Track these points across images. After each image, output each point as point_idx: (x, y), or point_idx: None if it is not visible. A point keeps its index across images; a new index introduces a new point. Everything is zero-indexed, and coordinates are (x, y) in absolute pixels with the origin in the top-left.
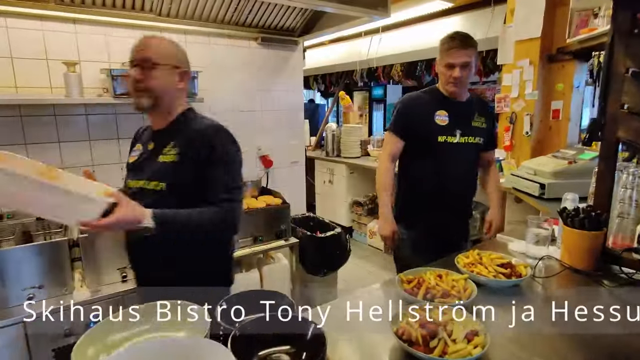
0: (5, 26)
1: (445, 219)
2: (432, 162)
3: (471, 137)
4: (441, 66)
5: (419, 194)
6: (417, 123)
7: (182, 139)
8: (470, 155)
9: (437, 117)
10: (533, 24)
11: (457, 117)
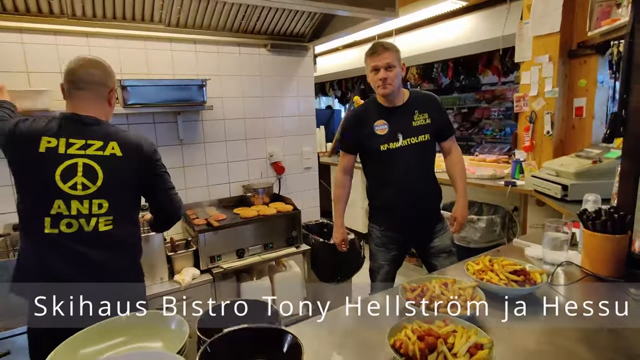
0: (22, 42)
1: (406, 218)
2: (382, 168)
3: (413, 137)
4: (369, 73)
5: (378, 197)
6: (359, 137)
7: None
8: (418, 155)
9: (376, 127)
10: (551, 18)
11: (397, 123)
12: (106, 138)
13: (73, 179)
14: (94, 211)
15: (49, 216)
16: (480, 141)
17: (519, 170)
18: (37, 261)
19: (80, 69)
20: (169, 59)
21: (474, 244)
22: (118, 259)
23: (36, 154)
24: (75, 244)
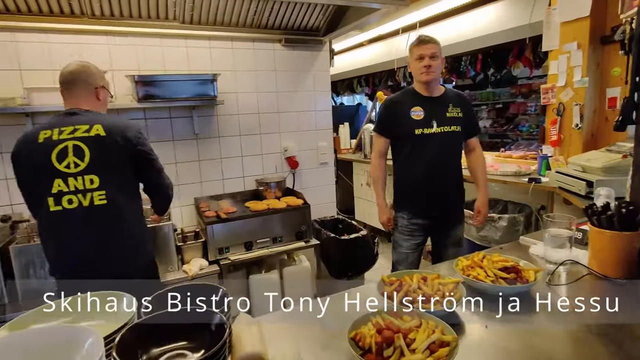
0: (48, 42)
1: (433, 203)
2: (415, 152)
3: (447, 126)
4: (413, 61)
5: (408, 182)
6: (396, 121)
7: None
8: (450, 143)
9: (413, 112)
10: (581, 1)
11: (432, 111)
12: (91, 122)
13: (66, 159)
14: (87, 186)
15: (51, 195)
16: (516, 138)
17: (546, 166)
18: (53, 238)
19: (65, 72)
20: (184, 56)
21: (494, 243)
22: (117, 232)
23: (36, 145)
24: (77, 219)
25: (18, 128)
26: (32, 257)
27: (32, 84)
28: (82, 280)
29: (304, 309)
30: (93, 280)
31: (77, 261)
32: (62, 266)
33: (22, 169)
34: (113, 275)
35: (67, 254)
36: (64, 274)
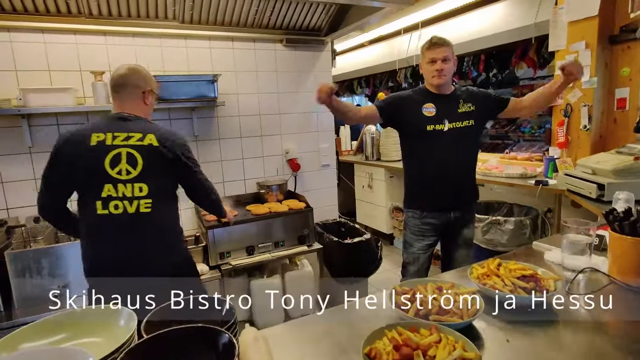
0: (44, 42)
1: (445, 201)
2: (426, 150)
3: (458, 122)
4: (425, 64)
5: (420, 180)
6: (405, 115)
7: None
8: (463, 139)
9: (425, 109)
10: (589, 0)
11: (444, 108)
12: (144, 131)
13: (118, 165)
14: (135, 194)
15: (100, 199)
16: (518, 139)
17: (552, 168)
18: (94, 241)
19: (116, 75)
20: (184, 56)
21: (500, 247)
22: (157, 239)
23: (89, 147)
24: (122, 224)
25: (14, 130)
26: (28, 262)
27: (28, 84)
28: (115, 278)
29: (312, 320)
30: (126, 278)
31: (115, 264)
32: (99, 267)
33: (67, 168)
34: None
35: (106, 256)
36: (100, 275)
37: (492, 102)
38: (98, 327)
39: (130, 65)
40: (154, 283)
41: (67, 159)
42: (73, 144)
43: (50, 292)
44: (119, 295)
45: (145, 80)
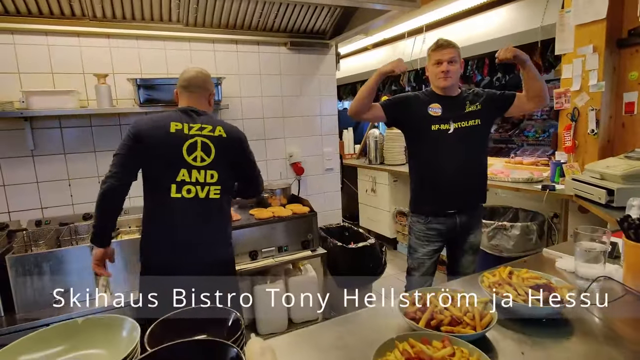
0: (47, 44)
1: (452, 203)
2: (432, 151)
3: (465, 121)
4: (431, 65)
5: (425, 182)
6: (410, 114)
7: None
8: (469, 139)
9: (431, 109)
10: (596, 3)
11: (450, 108)
12: (214, 124)
13: (194, 152)
14: (207, 180)
15: (175, 183)
16: (521, 144)
17: (559, 173)
18: (162, 222)
19: (189, 76)
20: (188, 59)
21: (506, 252)
22: (219, 224)
23: (168, 134)
24: (191, 208)
25: (16, 133)
26: (29, 267)
27: (31, 87)
28: (168, 277)
29: (319, 329)
30: (178, 277)
31: (179, 244)
32: (162, 248)
33: (148, 149)
34: (203, 264)
35: (173, 236)
36: (160, 257)
37: (498, 100)
38: (100, 338)
39: (202, 69)
40: (207, 273)
41: (149, 141)
42: (156, 128)
43: (55, 290)
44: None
45: (211, 84)
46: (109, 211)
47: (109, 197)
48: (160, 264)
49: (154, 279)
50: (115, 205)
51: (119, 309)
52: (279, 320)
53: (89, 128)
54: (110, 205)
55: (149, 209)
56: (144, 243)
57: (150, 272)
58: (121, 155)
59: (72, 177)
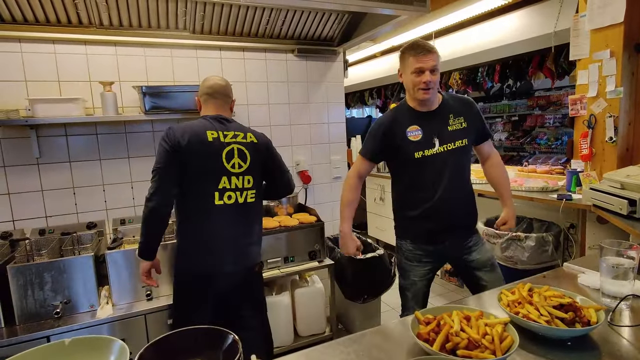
0: (55, 52)
1: (441, 228)
2: (416, 177)
3: (450, 143)
4: (409, 74)
5: (411, 207)
6: (389, 145)
7: None
8: (455, 161)
9: (410, 133)
10: (613, 7)
11: (431, 128)
12: (244, 130)
13: (232, 159)
14: (245, 185)
15: (217, 190)
16: (533, 151)
17: (575, 182)
18: (208, 230)
19: (213, 84)
20: (194, 66)
21: (521, 264)
22: (256, 227)
23: (207, 143)
24: (233, 214)
25: (22, 141)
26: (31, 277)
27: (38, 95)
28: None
29: (327, 350)
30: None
31: (225, 249)
32: (206, 253)
33: (190, 159)
34: (246, 267)
35: (220, 242)
36: (202, 261)
37: (478, 127)
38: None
39: (221, 77)
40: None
41: (188, 151)
42: (193, 137)
43: (56, 301)
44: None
45: (232, 91)
46: (155, 229)
47: (154, 216)
48: (203, 273)
49: (195, 290)
50: (161, 223)
51: (121, 321)
52: (285, 333)
53: (95, 136)
54: (157, 224)
55: (190, 217)
56: (188, 254)
57: (190, 279)
58: (161, 169)
59: (77, 186)
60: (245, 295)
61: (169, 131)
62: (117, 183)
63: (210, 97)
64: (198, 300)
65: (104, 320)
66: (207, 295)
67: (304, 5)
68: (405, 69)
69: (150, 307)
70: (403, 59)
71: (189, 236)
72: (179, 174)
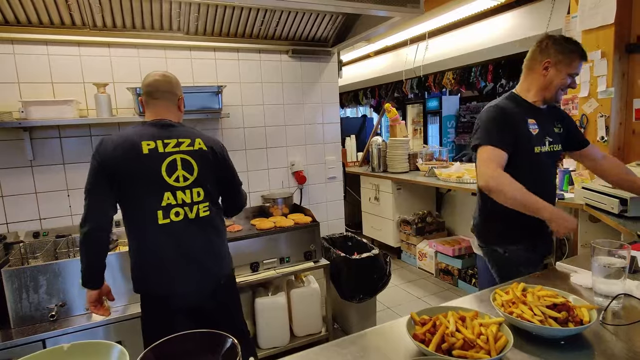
0: (47, 54)
1: (541, 231)
2: (528, 175)
3: (556, 145)
4: (564, 73)
5: (515, 212)
6: (515, 135)
7: None
8: (554, 164)
9: (530, 125)
10: (604, 8)
11: (544, 125)
12: (192, 136)
13: (175, 172)
14: (194, 199)
15: (160, 208)
16: None
17: (568, 181)
18: (153, 251)
19: (154, 81)
20: (189, 67)
21: None
22: (216, 242)
23: (142, 156)
24: (183, 231)
25: (15, 143)
26: (25, 280)
27: (31, 97)
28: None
29: (323, 352)
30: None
31: (178, 270)
32: (156, 275)
33: (122, 177)
34: (202, 286)
35: (169, 264)
36: (154, 283)
37: (575, 134)
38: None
39: (163, 72)
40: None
41: (120, 169)
42: (125, 152)
43: (51, 304)
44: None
45: (179, 87)
46: (94, 255)
47: (90, 242)
48: (160, 295)
49: (157, 310)
50: (99, 247)
51: (117, 323)
52: (281, 333)
53: (89, 138)
54: (94, 249)
55: (135, 240)
56: (138, 275)
57: (151, 304)
58: (91, 190)
59: (71, 188)
60: (217, 312)
61: (100, 145)
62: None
63: (149, 97)
64: (159, 320)
65: (100, 323)
66: (167, 315)
67: (298, 6)
68: (563, 67)
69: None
70: (568, 57)
71: (136, 257)
72: (114, 193)
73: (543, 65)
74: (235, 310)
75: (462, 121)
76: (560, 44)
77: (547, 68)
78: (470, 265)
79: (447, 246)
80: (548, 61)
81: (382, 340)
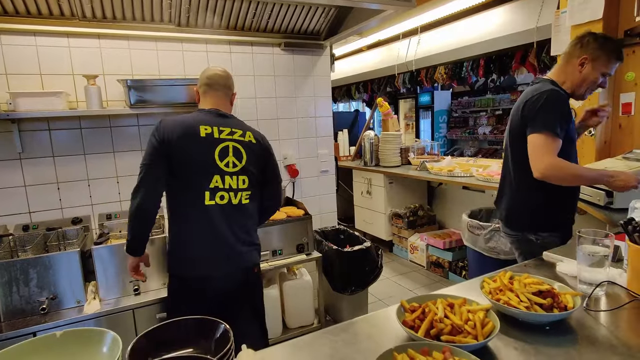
0: (35, 44)
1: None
2: (570, 158)
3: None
4: (599, 71)
5: (562, 196)
6: (567, 123)
7: None
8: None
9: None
10: (593, 3)
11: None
12: (244, 128)
13: (226, 158)
14: (240, 186)
15: (208, 190)
16: None
17: None
18: (196, 231)
19: (215, 75)
20: (180, 60)
21: (504, 255)
22: (252, 229)
23: (199, 138)
24: (227, 215)
25: (3, 135)
26: (15, 273)
27: (19, 89)
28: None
29: (314, 339)
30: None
31: (216, 252)
32: (195, 257)
33: (179, 155)
34: (240, 269)
35: (210, 244)
36: (190, 265)
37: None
38: (78, 353)
39: (223, 68)
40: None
41: (179, 146)
42: (185, 132)
43: (42, 297)
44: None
45: (233, 83)
46: (141, 226)
47: (139, 214)
48: (194, 276)
49: (189, 292)
50: (147, 221)
51: (109, 316)
52: (273, 325)
53: (79, 130)
54: (142, 221)
55: (177, 224)
56: (178, 256)
57: (183, 284)
58: (147, 165)
59: (61, 181)
60: (244, 298)
61: (159, 125)
62: (102, 178)
63: (209, 88)
64: (191, 302)
65: (92, 316)
66: (202, 297)
67: None
68: (599, 65)
69: (138, 302)
70: (606, 55)
71: (178, 237)
72: (167, 171)
73: (580, 61)
74: (260, 297)
75: (454, 116)
76: (601, 42)
77: (583, 64)
78: (461, 258)
79: (438, 239)
80: (585, 57)
81: (373, 327)
